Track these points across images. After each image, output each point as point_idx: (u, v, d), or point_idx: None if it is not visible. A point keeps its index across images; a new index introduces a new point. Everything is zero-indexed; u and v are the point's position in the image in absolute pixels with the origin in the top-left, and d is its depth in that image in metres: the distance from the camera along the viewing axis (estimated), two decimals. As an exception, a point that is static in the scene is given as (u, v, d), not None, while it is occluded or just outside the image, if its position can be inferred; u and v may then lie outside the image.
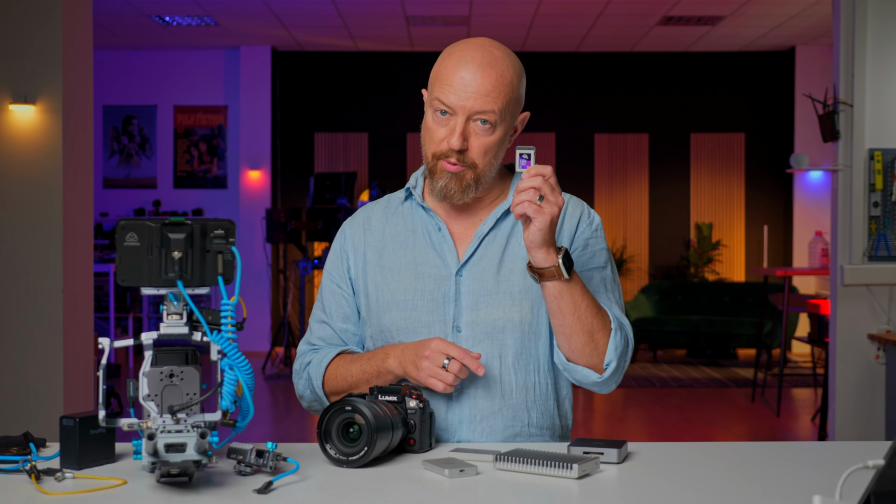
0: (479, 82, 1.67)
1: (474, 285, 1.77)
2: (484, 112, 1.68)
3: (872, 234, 4.49)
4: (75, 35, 4.65)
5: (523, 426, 1.77)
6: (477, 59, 1.69)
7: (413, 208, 1.85)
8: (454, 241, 1.81)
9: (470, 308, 1.77)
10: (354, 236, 1.87)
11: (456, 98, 1.68)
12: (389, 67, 10.22)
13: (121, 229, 1.38)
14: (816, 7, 8.35)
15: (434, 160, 1.74)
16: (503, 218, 1.81)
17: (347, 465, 1.47)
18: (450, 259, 1.79)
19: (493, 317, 1.76)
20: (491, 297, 1.76)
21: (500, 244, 1.80)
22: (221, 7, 8.50)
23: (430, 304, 1.77)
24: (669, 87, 10.30)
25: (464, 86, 1.67)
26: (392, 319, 1.79)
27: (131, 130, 10.29)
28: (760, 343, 7.48)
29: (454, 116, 1.69)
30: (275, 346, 8.85)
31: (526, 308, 1.77)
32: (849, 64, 4.52)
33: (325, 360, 1.80)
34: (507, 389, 1.76)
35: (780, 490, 1.38)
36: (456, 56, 1.71)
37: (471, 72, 1.68)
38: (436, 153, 1.73)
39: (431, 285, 1.78)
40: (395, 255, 1.82)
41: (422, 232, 1.82)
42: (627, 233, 10.32)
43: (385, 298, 1.80)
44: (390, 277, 1.80)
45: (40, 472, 1.38)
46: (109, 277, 8.92)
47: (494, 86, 1.68)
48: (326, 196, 8.93)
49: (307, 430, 6.14)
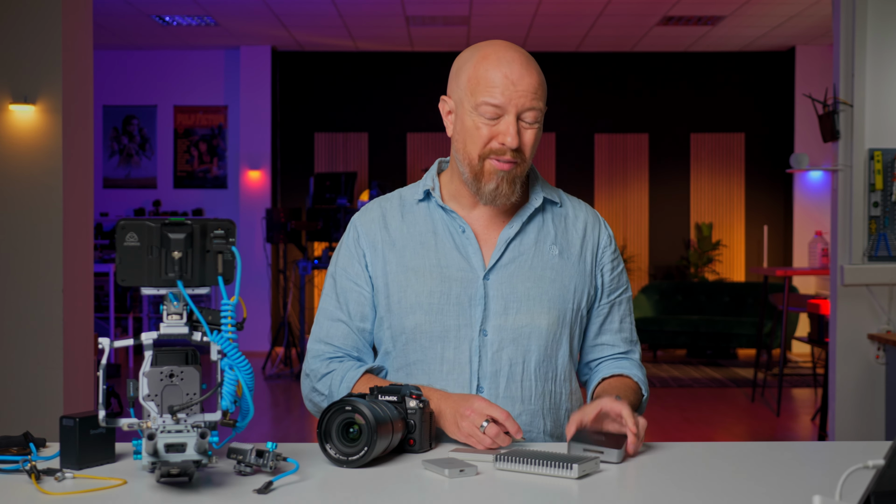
0: (528, 80, 1.73)
1: (504, 290, 1.77)
2: (533, 108, 1.73)
3: (872, 234, 4.49)
4: (75, 35, 4.65)
5: (538, 433, 1.78)
6: (517, 60, 1.74)
7: (432, 209, 1.83)
8: (479, 243, 1.81)
9: (498, 313, 1.76)
10: (370, 233, 1.84)
11: (506, 97, 1.71)
12: (389, 67, 10.22)
13: (121, 229, 1.37)
14: (816, 7, 8.35)
15: (481, 161, 1.74)
16: (529, 222, 1.82)
17: (347, 465, 1.47)
18: (476, 262, 1.78)
19: (521, 323, 1.76)
20: (521, 304, 1.77)
21: (529, 250, 1.80)
22: (221, 7, 8.50)
23: (457, 308, 1.76)
24: (669, 87, 10.29)
25: (512, 85, 1.71)
26: (416, 322, 1.77)
27: (131, 130, 10.29)
28: (760, 343, 7.48)
29: (504, 116, 1.72)
30: (275, 346, 8.85)
31: (553, 316, 1.78)
32: (849, 64, 4.52)
33: (351, 381, 1.76)
34: (528, 395, 1.77)
35: (780, 490, 1.38)
36: (493, 58, 1.74)
37: (516, 71, 1.73)
38: (482, 154, 1.74)
39: (458, 289, 1.77)
40: (418, 256, 1.80)
41: (444, 234, 1.81)
42: (627, 233, 10.32)
43: (409, 300, 1.77)
44: (414, 279, 1.78)
45: (40, 472, 1.38)
46: (109, 277, 8.92)
47: (540, 82, 1.75)
48: (326, 196, 8.92)
49: (307, 430, 6.14)
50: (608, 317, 1.89)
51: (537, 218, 1.83)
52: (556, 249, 1.82)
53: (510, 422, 1.58)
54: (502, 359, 1.76)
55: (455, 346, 1.76)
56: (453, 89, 1.79)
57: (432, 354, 1.77)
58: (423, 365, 1.78)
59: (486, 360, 1.76)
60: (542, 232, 1.82)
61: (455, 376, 1.76)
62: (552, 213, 1.86)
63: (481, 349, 1.76)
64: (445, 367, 1.77)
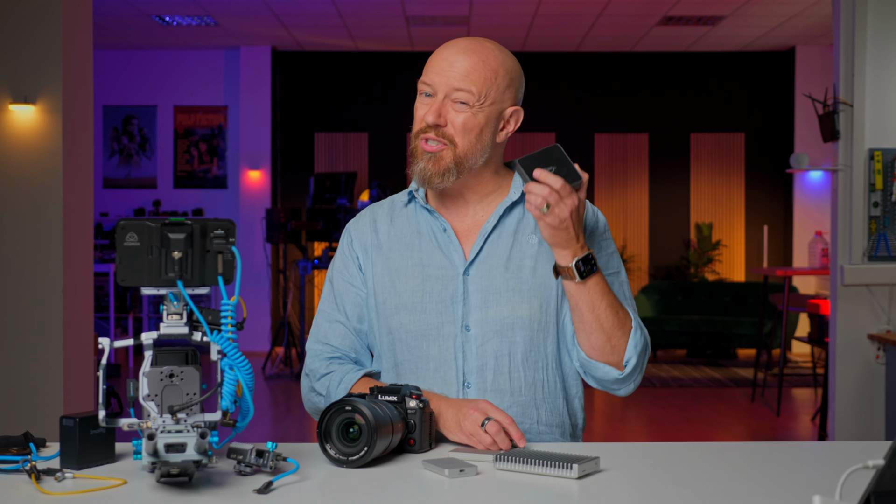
0: (460, 63, 1.73)
1: (483, 283, 1.77)
2: (461, 90, 1.72)
3: (872, 234, 4.49)
4: (75, 35, 4.65)
5: (532, 423, 1.78)
6: (462, 44, 1.75)
7: (417, 210, 1.86)
8: (460, 241, 1.81)
9: (479, 307, 1.77)
10: (362, 237, 1.87)
11: (436, 77, 1.73)
12: (389, 67, 10.22)
13: (121, 229, 1.37)
14: (816, 7, 8.35)
15: (415, 141, 1.76)
16: (506, 214, 1.82)
17: (347, 465, 1.47)
18: (456, 259, 1.79)
19: (503, 314, 1.76)
20: (500, 295, 1.77)
21: (507, 241, 1.80)
22: (221, 7, 8.50)
23: (439, 306, 1.77)
24: (669, 87, 10.29)
25: (446, 65, 1.73)
26: (401, 322, 1.79)
27: (131, 130, 10.28)
28: (760, 343, 7.48)
29: (435, 96, 1.74)
30: (275, 346, 8.85)
31: (535, 305, 1.77)
32: (849, 64, 4.52)
33: (350, 383, 1.77)
34: (516, 387, 1.77)
35: (780, 490, 1.38)
36: (445, 45, 1.77)
37: (453, 53, 1.74)
38: (416, 133, 1.76)
39: (439, 286, 1.78)
40: (402, 257, 1.82)
41: (427, 233, 1.83)
42: (627, 233, 10.32)
43: (393, 301, 1.80)
44: (398, 280, 1.80)
45: (40, 472, 1.38)
46: (109, 277, 8.92)
47: (474, 67, 1.72)
48: (326, 196, 8.92)
49: (307, 430, 6.14)
50: None
51: (517, 209, 1.82)
52: (534, 238, 1.80)
53: (513, 427, 1.58)
54: (487, 352, 1.76)
55: (439, 344, 1.77)
56: None
57: (418, 353, 1.78)
58: (410, 364, 1.79)
59: (470, 355, 1.76)
60: (522, 222, 1.81)
61: (442, 374, 1.77)
62: None
63: (465, 345, 1.77)
64: (432, 365, 1.77)
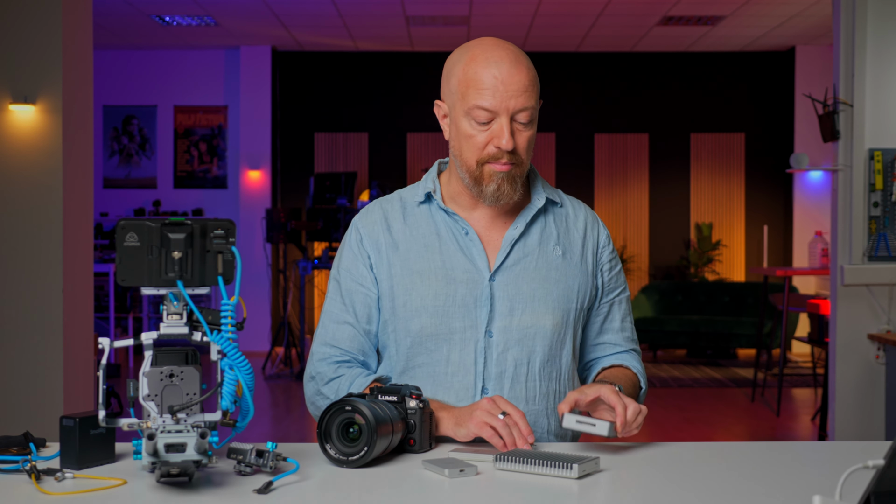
0: (517, 79, 1.69)
1: (509, 291, 1.77)
2: (525, 108, 1.70)
3: (872, 234, 4.49)
4: (75, 35, 4.65)
5: (543, 433, 1.79)
6: (506, 58, 1.70)
7: (434, 211, 1.83)
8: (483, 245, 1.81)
9: (504, 314, 1.76)
10: (374, 235, 1.82)
11: (497, 100, 1.68)
12: (389, 67, 10.22)
13: (121, 229, 1.37)
14: (816, 7, 8.35)
15: (479, 166, 1.73)
16: (532, 223, 1.82)
17: (347, 465, 1.47)
18: (481, 264, 1.78)
19: (527, 323, 1.76)
20: (526, 304, 1.77)
21: (533, 251, 1.80)
22: (221, 7, 8.50)
23: (462, 310, 1.76)
24: (669, 88, 10.29)
25: (503, 85, 1.68)
26: (422, 324, 1.76)
27: (131, 130, 10.28)
28: (760, 343, 7.48)
29: (497, 118, 1.70)
30: (275, 346, 8.85)
31: (558, 317, 1.78)
32: (849, 64, 4.52)
33: (360, 388, 1.76)
34: (532, 396, 1.77)
35: (780, 490, 1.38)
36: (482, 59, 1.71)
37: (505, 70, 1.69)
38: (480, 159, 1.73)
39: (463, 290, 1.76)
40: (422, 258, 1.79)
41: (447, 236, 1.80)
42: (627, 233, 10.32)
43: (414, 303, 1.77)
44: (419, 282, 1.77)
45: (40, 472, 1.38)
46: (109, 277, 8.92)
47: (531, 80, 1.71)
48: (326, 196, 8.92)
49: (307, 430, 6.14)
50: (608, 316, 1.90)
51: (540, 219, 1.84)
52: (559, 250, 1.82)
53: (523, 422, 1.58)
54: (507, 360, 1.76)
55: (461, 348, 1.76)
56: (446, 93, 1.78)
57: (438, 357, 1.77)
58: (428, 367, 1.78)
59: (491, 361, 1.76)
60: (545, 232, 1.83)
61: (460, 378, 1.76)
62: (553, 213, 1.86)
63: (486, 350, 1.76)
64: (451, 369, 1.76)
